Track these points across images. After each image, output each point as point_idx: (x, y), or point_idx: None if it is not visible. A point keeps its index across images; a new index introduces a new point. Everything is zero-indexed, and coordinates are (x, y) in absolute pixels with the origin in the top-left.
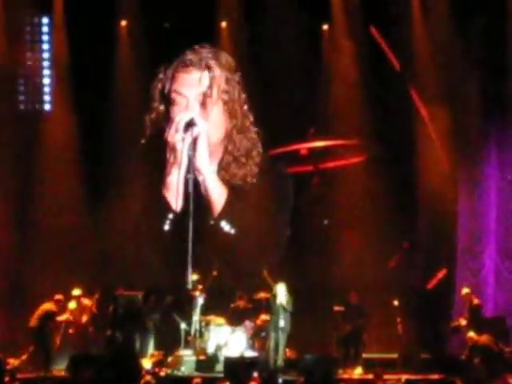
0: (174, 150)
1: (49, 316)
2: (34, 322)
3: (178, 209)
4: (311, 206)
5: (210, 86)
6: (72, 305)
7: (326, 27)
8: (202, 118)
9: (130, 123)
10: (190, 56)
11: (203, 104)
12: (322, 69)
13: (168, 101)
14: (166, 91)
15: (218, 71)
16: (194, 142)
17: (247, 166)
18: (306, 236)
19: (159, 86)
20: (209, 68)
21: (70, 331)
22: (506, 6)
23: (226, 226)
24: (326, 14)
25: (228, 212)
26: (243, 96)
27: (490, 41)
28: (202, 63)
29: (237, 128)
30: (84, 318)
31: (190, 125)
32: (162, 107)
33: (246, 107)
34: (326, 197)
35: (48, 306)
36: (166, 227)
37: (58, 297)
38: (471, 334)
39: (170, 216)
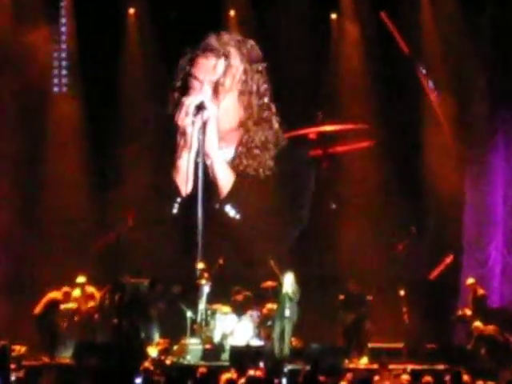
0: (184, 133)
1: (53, 304)
2: (38, 309)
3: (187, 192)
4: (319, 191)
5: (225, 74)
6: (76, 292)
7: (334, 16)
8: (212, 103)
9: (138, 109)
10: (212, 41)
11: (215, 91)
12: (330, 55)
13: (186, 83)
14: (186, 73)
15: (236, 60)
16: (204, 126)
17: (261, 158)
18: (314, 221)
19: (182, 66)
20: (226, 56)
21: (75, 319)
22: None
23: (230, 210)
24: (334, 3)
25: (233, 197)
26: (264, 87)
27: (500, 30)
28: (221, 50)
29: (253, 119)
30: (89, 305)
31: (199, 108)
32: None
33: (266, 99)
34: (335, 181)
35: (54, 294)
36: (175, 211)
37: (66, 289)
38: (477, 323)
39: (178, 200)
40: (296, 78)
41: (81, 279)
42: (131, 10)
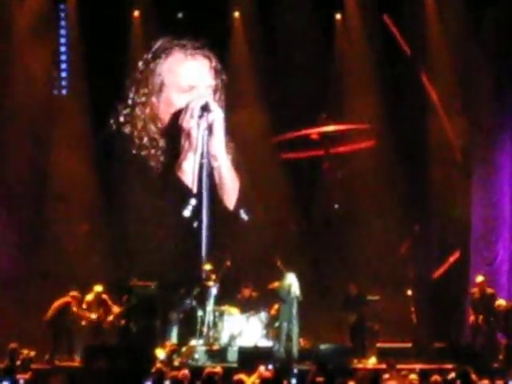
0: (188, 135)
1: (64, 310)
2: (49, 314)
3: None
4: (322, 191)
5: (215, 76)
6: (89, 297)
7: (338, 16)
8: (216, 105)
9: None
10: (188, 49)
11: (215, 92)
12: (334, 56)
13: (168, 92)
14: (167, 83)
15: (215, 62)
16: (210, 127)
17: (235, 151)
18: (318, 221)
19: (153, 79)
20: (209, 58)
21: (83, 323)
22: None
23: (242, 213)
24: (339, 4)
25: (244, 199)
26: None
27: (503, 28)
28: (205, 52)
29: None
30: (99, 312)
31: (204, 109)
32: (154, 99)
33: None
34: (337, 181)
35: (63, 299)
36: (187, 213)
37: (74, 293)
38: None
39: (193, 202)
40: (300, 79)
41: (98, 288)
42: (136, 13)
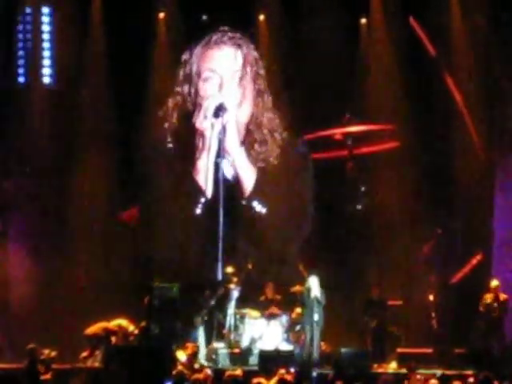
0: (202, 135)
1: (108, 334)
2: (91, 331)
3: (208, 193)
4: (345, 191)
5: (244, 64)
6: (124, 323)
7: (364, 21)
8: (234, 99)
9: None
10: (218, 35)
11: (240, 82)
12: (359, 57)
13: (195, 81)
14: (194, 71)
15: (247, 50)
16: (224, 128)
17: (270, 145)
18: (341, 222)
19: (184, 68)
20: (239, 46)
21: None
22: None
23: (257, 205)
24: (365, 8)
25: (259, 191)
26: (264, 75)
27: None
28: (233, 41)
29: (264, 107)
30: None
31: (219, 110)
32: (186, 90)
33: (262, 86)
34: (360, 182)
35: (111, 326)
36: (198, 211)
37: (122, 323)
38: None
39: (202, 200)
40: (324, 80)
41: (118, 322)
42: (161, 15)
